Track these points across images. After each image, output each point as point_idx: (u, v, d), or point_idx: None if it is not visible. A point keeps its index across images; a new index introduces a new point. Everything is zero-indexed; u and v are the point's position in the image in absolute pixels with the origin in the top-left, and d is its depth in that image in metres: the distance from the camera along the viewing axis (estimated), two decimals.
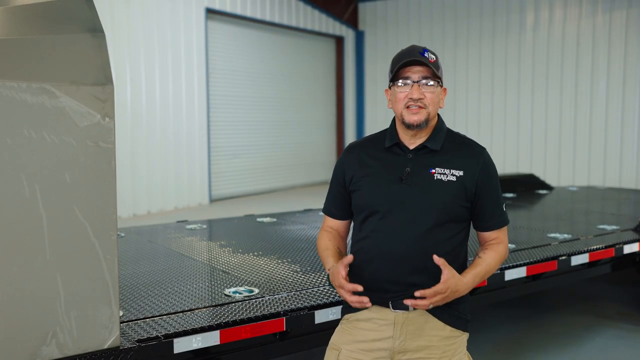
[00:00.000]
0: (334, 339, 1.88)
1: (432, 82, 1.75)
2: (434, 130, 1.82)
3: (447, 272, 1.67)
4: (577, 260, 3.44)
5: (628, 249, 3.73)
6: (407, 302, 1.69)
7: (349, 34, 13.98)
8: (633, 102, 10.80)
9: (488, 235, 1.88)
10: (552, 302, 4.60)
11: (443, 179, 1.76)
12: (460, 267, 1.84)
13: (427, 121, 1.77)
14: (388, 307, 1.79)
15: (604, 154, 11.11)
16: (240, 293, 2.57)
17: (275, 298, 2.50)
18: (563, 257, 3.38)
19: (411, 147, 1.82)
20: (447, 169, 1.77)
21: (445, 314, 1.79)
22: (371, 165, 1.85)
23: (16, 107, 1.60)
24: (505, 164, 12.17)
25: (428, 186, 1.76)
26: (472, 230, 1.95)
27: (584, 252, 3.49)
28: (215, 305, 2.40)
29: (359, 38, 14.14)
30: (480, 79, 12.53)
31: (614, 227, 4.21)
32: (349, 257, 1.75)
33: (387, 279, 1.77)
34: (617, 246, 3.67)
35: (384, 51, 13.74)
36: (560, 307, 4.50)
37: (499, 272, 3.06)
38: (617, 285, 4.96)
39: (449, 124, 1.88)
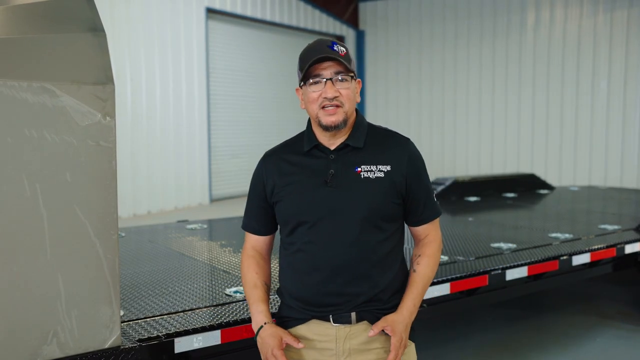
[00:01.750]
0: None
1: (345, 78, 1.63)
2: (354, 127, 1.70)
3: (387, 327, 1.60)
4: (579, 260, 3.44)
5: (629, 248, 3.73)
6: None
7: (349, 34, 13.98)
8: (634, 101, 10.80)
9: (421, 230, 1.76)
10: (553, 302, 4.60)
11: (370, 176, 1.64)
12: (400, 267, 1.73)
13: (345, 121, 1.65)
14: (329, 320, 1.66)
15: (605, 154, 11.11)
16: (241, 293, 2.57)
17: (276, 297, 2.50)
18: (564, 257, 3.38)
19: (332, 147, 1.70)
20: (372, 165, 1.65)
21: None
22: (292, 172, 1.71)
23: (17, 107, 1.59)
24: (506, 164, 12.17)
25: (356, 186, 1.63)
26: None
27: (585, 252, 3.48)
28: (216, 305, 2.40)
29: (360, 38, 14.14)
30: (481, 78, 12.53)
31: (615, 227, 4.21)
32: (299, 345, 1.63)
33: (326, 291, 1.64)
34: (618, 246, 3.67)
35: (385, 51, 13.74)
36: (561, 307, 4.49)
37: (500, 272, 3.06)
38: (619, 285, 4.96)
39: (450, 124, 1.88)
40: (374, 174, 1.64)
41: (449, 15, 12.90)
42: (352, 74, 1.66)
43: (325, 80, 1.63)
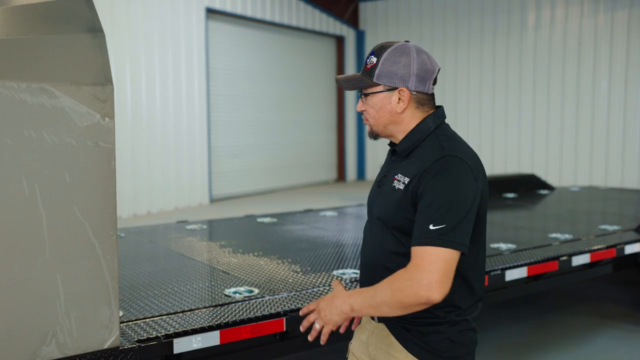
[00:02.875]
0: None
1: (367, 93, 1.64)
2: (409, 134, 1.65)
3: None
4: (579, 260, 3.44)
5: (629, 249, 3.73)
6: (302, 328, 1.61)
7: (349, 34, 13.98)
8: (635, 101, 10.79)
9: (411, 253, 1.50)
10: (553, 303, 4.60)
11: (396, 186, 1.60)
12: None
13: (374, 134, 1.69)
14: None
15: (605, 154, 11.11)
16: (240, 293, 2.57)
17: (276, 298, 2.50)
18: (564, 258, 3.37)
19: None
20: (402, 175, 1.60)
21: (403, 337, 1.61)
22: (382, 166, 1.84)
23: (16, 107, 1.60)
24: (507, 164, 12.17)
25: (387, 192, 1.64)
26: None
27: (585, 252, 3.48)
28: (215, 306, 2.40)
29: (360, 38, 14.14)
30: (481, 78, 12.53)
31: (616, 227, 4.20)
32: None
33: (366, 282, 1.70)
34: (618, 246, 3.67)
35: None
36: (561, 307, 4.49)
37: (499, 272, 3.06)
38: (619, 285, 4.96)
39: (450, 123, 1.80)
40: (399, 184, 1.60)
41: (450, 15, 12.90)
42: (373, 90, 1.63)
43: (359, 95, 1.70)
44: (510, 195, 6.20)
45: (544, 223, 4.73)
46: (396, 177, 1.62)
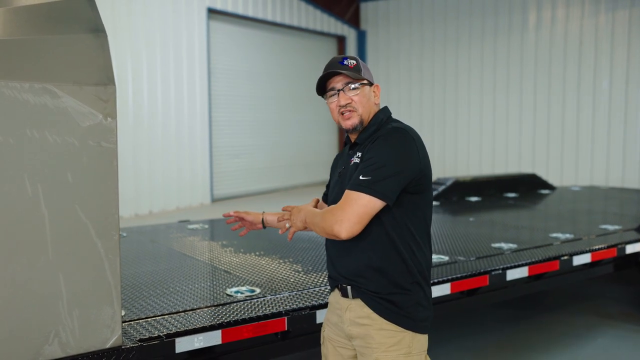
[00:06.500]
0: (325, 316, 1.99)
1: (355, 86, 1.84)
2: (366, 127, 1.86)
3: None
4: (579, 260, 3.44)
5: (630, 249, 3.73)
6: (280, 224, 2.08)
7: (350, 34, 13.98)
8: (636, 101, 10.79)
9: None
10: (554, 302, 4.60)
11: (354, 161, 1.81)
12: (383, 248, 1.74)
13: (361, 123, 1.85)
14: (339, 291, 1.86)
15: (606, 154, 11.10)
16: (241, 293, 2.57)
17: (277, 298, 2.50)
18: (565, 257, 3.38)
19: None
20: (360, 152, 1.81)
21: (376, 303, 1.75)
22: (335, 162, 2.02)
23: (19, 107, 1.60)
24: (508, 164, 12.17)
25: (345, 175, 1.83)
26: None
27: (586, 252, 3.49)
28: (217, 305, 2.40)
29: (361, 38, 14.14)
30: (482, 78, 12.52)
31: (617, 227, 4.21)
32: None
33: (333, 265, 1.87)
34: (619, 246, 3.67)
35: (386, 51, 13.73)
36: (562, 307, 4.49)
37: (500, 272, 3.06)
38: (620, 285, 4.96)
39: (451, 124, 1.86)
40: (356, 159, 1.81)
41: (451, 15, 12.89)
42: (362, 82, 1.86)
43: (337, 91, 1.87)
44: (511, 194, 6.20)
45: (545, 223, 4.74)
46: (352, 159, 1.83)
